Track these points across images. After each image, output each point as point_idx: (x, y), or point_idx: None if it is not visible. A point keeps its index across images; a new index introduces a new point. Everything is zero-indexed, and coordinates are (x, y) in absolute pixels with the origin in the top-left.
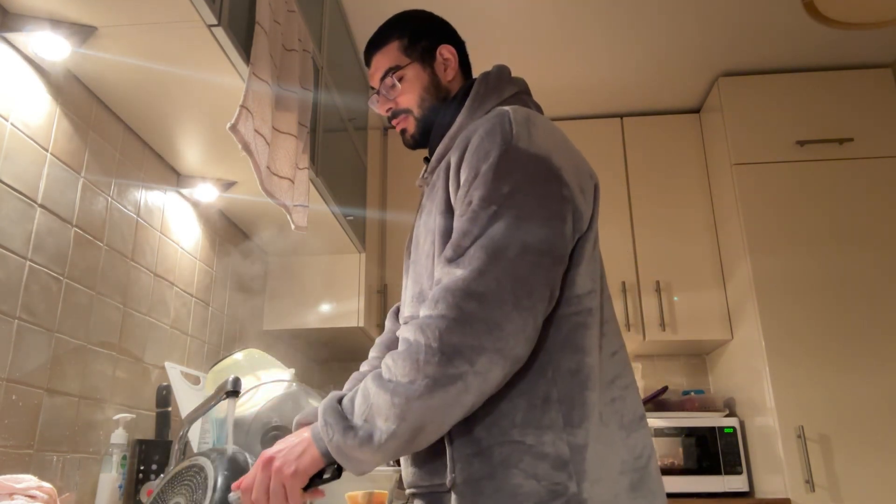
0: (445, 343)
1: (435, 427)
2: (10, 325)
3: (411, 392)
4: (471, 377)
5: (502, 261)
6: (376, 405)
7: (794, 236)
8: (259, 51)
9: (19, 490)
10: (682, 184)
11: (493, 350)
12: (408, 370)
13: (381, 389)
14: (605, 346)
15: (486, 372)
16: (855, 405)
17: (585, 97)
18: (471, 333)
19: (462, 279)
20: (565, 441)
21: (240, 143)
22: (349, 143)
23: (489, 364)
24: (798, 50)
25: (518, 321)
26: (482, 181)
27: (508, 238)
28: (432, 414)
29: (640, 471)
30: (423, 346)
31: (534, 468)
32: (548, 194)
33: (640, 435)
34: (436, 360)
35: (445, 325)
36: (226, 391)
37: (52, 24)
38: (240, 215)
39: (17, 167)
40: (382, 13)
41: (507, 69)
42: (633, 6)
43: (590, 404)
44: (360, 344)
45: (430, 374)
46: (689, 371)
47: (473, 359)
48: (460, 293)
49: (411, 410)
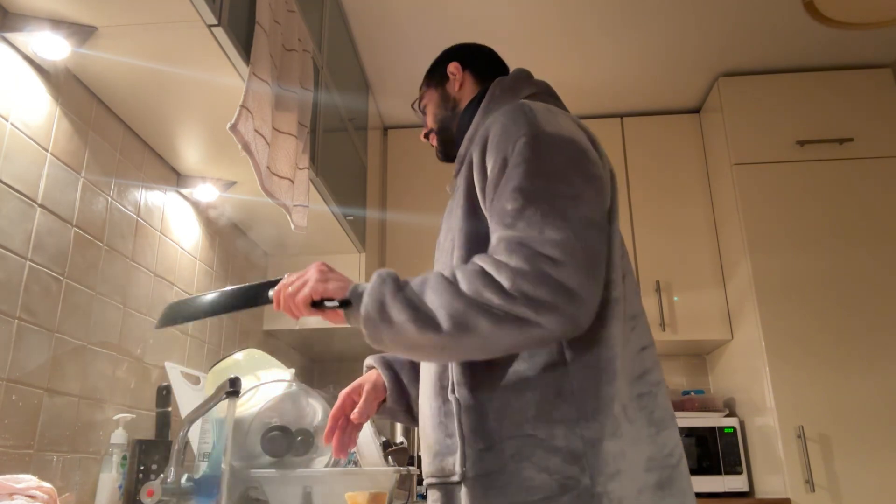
0: (519, 288)
1: (466, 347)
2: (10, 325)
3: (472, 303)
4: (529, 326)
5: (571, 232)
6: (431, 295)
7: (794, 236)
8: (259, 51)
9: (19, 490)
10: (682, 184)
11: (563, 313)
12: (475, 288)
13: (442, 285)
14: (633, 341)
15: (546, 328)
16: (855, 405)
17: (585, 97)
18: (546, 290)
19: (538, 240)
20: (578, 435)
21: (240, 143)
22: (349, 143)
23: (553, 322)
24: (798, 50)
25: (590, 293)
26: (521, 161)
27: (571, 211)
28: (479, 332)
29: (670, 469)
30: (496, 280)
31: (545, 462)
32: (586, 173)
33: (671, 433)
34: (503, 295)
35: (523, 274)
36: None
37: (52, 24)
38: (240, 215)
39: (17, 167)
40: (382, 13)
41: (525, 72)
42: (633, 6)
43: (605, 398)
44: (360, 344)
45: (495, 302)
46: (689, 371)
47: (541, 312)
48: (537, 252)
49: (464, 317)
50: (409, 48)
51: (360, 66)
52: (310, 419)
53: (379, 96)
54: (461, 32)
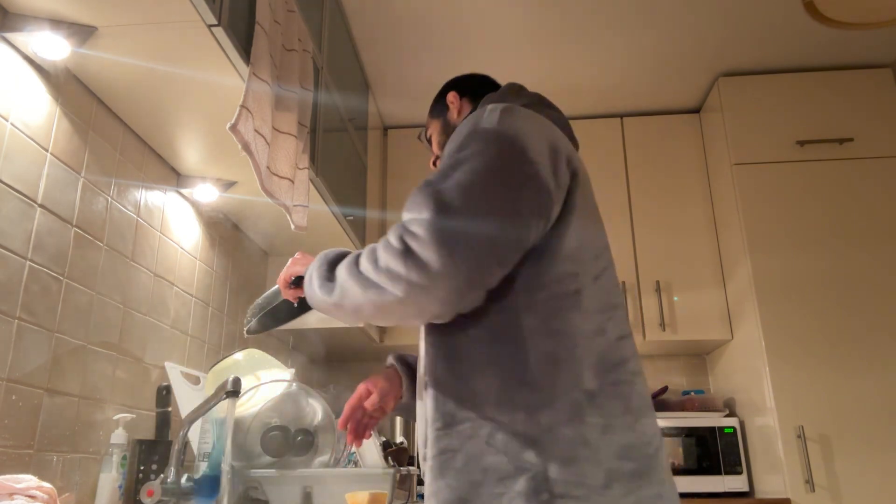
0: (384, 262)
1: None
2: (10, 325)
3: (354, 273)
4: (388, 294)
5: (447, 213)
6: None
7: (794, 236)
8: (259, 51)
9: (19, 490)
10: (682, 184)
11: (419, 287)
12: (362, 262)
13: (349, 260)
14: (610, 330)
15: (404, 296)
16: (855, 405)
17: (585, 97)
18: (403, 265)
19: (412, 220)
20: (536, 421)
21: (240, 143)
22: (349, 143)
23: (410, 295)
24: (798, 50)
25: (452, 269)
26: (446, 157)
27: (463, 196)
28: (354, 296)
29: (648, 458)
30: (374, 255)
31: (504, 445)
32: (510, 168)
33: (649, 422)
34: (372, 266)
35: (390, 251)
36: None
37: (52, 24)
38: (240, 215)
39: (17, 167)
40: (382, 13)
41: (515, 85)
42: (633, 6)
43: (564, 385)
44: (361, 344)
45: (366, 271)
46: (689, 371)
47: (393, 281)
48: (405, 230)
49: (347, 282)
50: (409, 48)
51: (360, 66)
52: (310, 419)
53: (379, 96)
54: (461, 32)
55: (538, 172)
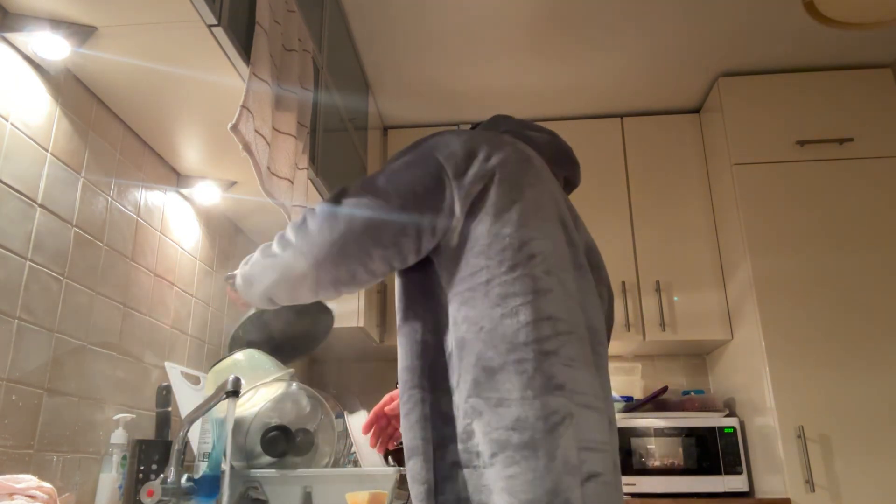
0: (284, 236)
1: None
2: (10, 325)
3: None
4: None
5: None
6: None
7: (794, 236)
8: (259, 51)
9: (19, 490)
10: (682, 184)
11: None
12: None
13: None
14: (525, 313)
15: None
16: (855, 405)
17: (585, 97)
18: (293, 234)
19: (321, 206)
20: (453, 401)
21: (240, 144)
22: (349, 143)
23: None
24: (798, 50)
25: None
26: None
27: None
28: (254, 259)
29: (542, 432)
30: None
31: (432, 420)
32: (410, 166)
33: (555, 401)
34: (277, 238)
35: (291, 225)
36: (226, 391)
37: (52, 24)
38: (240, 215)
39: (17, 167)
40: (382, 13)
41: (497, 116)
42: (632, 6)
43: (468, 365)
44: (361, 344)
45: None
46: (689, 371)
47: (284, 248)
48: (309, 211)
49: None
50: (409, 48)
51: (360, 66)
52: (310, 419)
53: (379, 96)
54: (461, 33)
55: (440, 171)
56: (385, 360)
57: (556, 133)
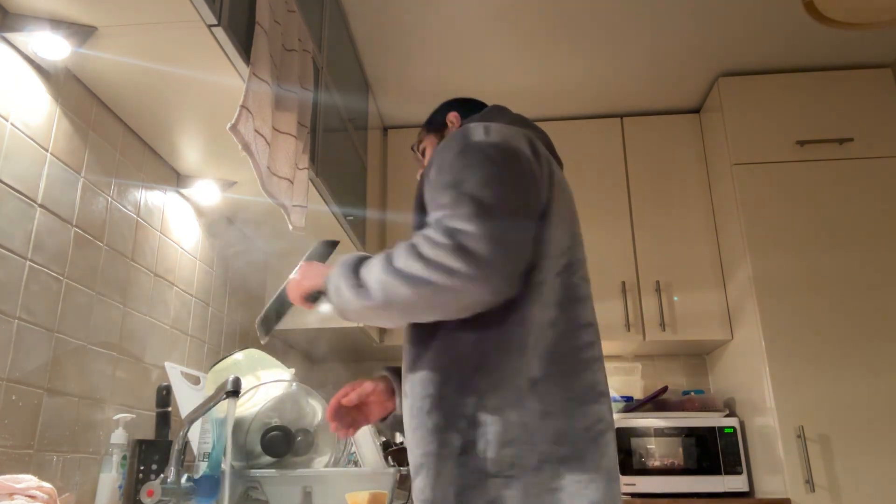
0: (438, 259)
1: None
2: (10, 325)
3: (396, 274)
4: (448, 291)
5: (482, 209)
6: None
7: (794, 236)
8: (259, 51)
9: (19, 490)
10: (682, 184)
11: (475, 278)
12: (400, 261)
13: (379, 261)
14: (565, 322)
15: (461, 292)
16: (855, 405)
17: (585, 97)
18: (462, 260)
19: (454, 215)
20: (484, 405)
21: (240, 144)
22: (349, 143)
23: (467, 287)
24: (798, 50)
25: (502, 264)
26: (449, 166)
27: (486, 195)
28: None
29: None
30: (416, 252)
31: (457, 425)
32: (509, 168)
33: (596, 409)
34: (422, 263)
35: (444, 246)
36: (226, 391)
37: (52, 24)
38: (240, 215)
39: (17, 167)
40: (382, 13)
41: (497, 106)
42: (633, 6)
43: (511, 372)
44: (360, 344)
45: (415, 271)
46: (689, 371)
47: (452, 276)
48: (452, 227)
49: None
50: (409, 48)
51: (360, 66)
52: (310, 419)
53: (379, 96)
54: (461, 33)
55: (533, 171)
56: (385, 360)
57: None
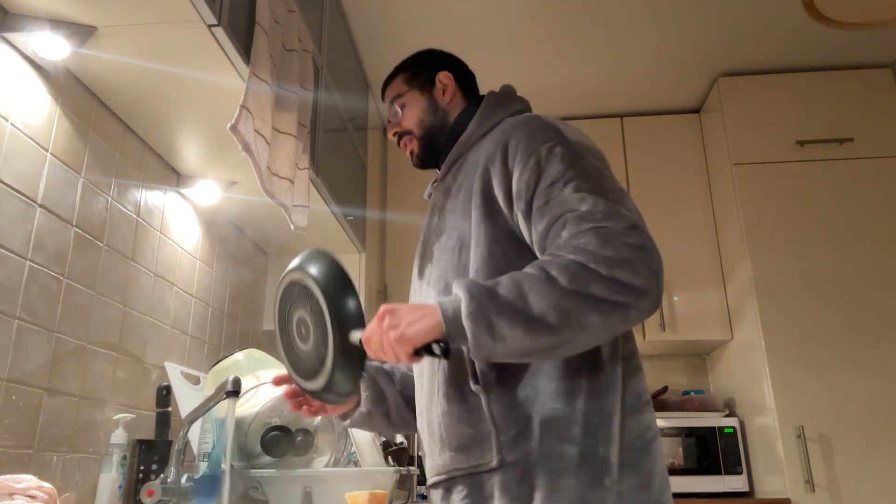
0: (616, 276)
1: (582, 341)
2: (10, 325)
3: (578, 299)
4: (632, 311)
5: (639, 220)
6: (535, 298)
7: (794, 236)
8: (259, 51)
9: (19, 490)
10: (682, 184)
11: (653, 296)
12: (576, 282)
13: (542, 285)
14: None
15: (643, 311)
16: (855, 405)
17: (585, 97)
18: (640, 275)
19: (619, 227)
20: (595, 409)
21: (240, 144)
22: (349, 143)
23: (647, 305)
24: (798, 50)
25: (662, 273)
26: (565, 166)
27: (628, 203)
28: (591, 325)
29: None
30: (594, 270)
31: (569, 434)
32: (613, 177)
33: (644, 418)
34: (604, 284)
35: (616, 261)
36: (226, 391)
37: (52, 24)
38: (240, 215)
39: (17, 167)
40: (382, 13)
41: (512, 88)
42: (633, 6)
43: (615, 375)
44: None
45: (598, 293)
46: (689, 371)
47: (639, 296)
48: (622, 239)
49: (575, 314)
50: (409, 48)
51: (360, 66)
52: (310, 419)
53: (379, 96)
54: (461, 32)
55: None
56: None
57: None
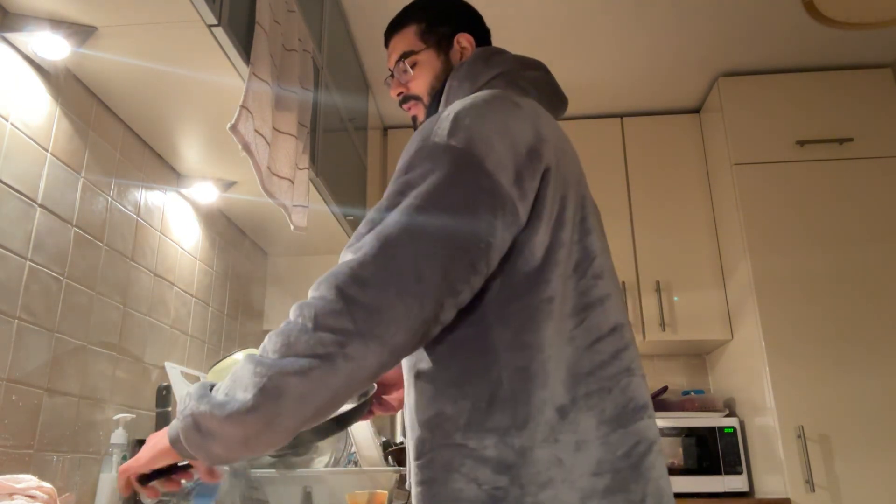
0: (319, 324)
1: (292, 407)
2: (10, 325)
3: (275, 365)
4: (340, 360)
5: (392, 247)
6: (239, 377)
7: (794, 236)
8: (259, 51)
9: (19, 490)
10: (682, 184)
11: (369, 336)
12: (278, 346)
13: (247, 362)
14: (579, 337)
15: (359, 358)
16: (855, 405)
17: (585, 97)
18: (347, 316)
19: (348, 264)
20: (509, 444)
21: (240, 144)
22: (349, 143)
23: (363, 349)
24: (798, 50)
25: (400, 308)
26: (394, 175)
27: (402, 225)
28: (292, 389)
29: (626, 471)
30: (298, 325)
31: (475, 472)
32: (458, 183)
33: (630, 430)
34: (305, 338)
35: (322, 305)
36: None
37: (52, 24)
38: (240, 215)
39: (17, 167)
40: (382, 13)
41: (486, 52)
42: (633, 6)
43: (537, 404)
44: None
45: (298, 351)
46: (689, 371)
47: (345, 342)
48: (343, 277)
49: (271, 382)
50: None
51: (360, 66)
52: None
53: (379, 96)
54: None
55: (498, 185)
56: None
57: (546, 67)
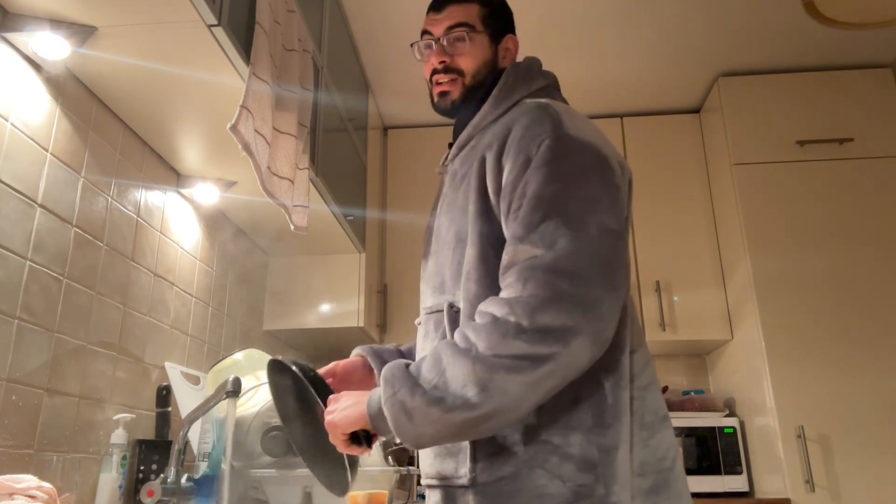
0: (538, 322)
1: (511, 408)
2: (10, 325)
3: (496, 364)
4: (562, 359)
5: (586, 239)
6: (453, 372)
7: (794, 236)
8: (259, 51)
9: (19, 490)
10: (682, 184)
11: (588, 332)
12: (493, 343)
13: (459, 356)
14: (622, 346)
15: (578, 354)
16: (855, 405)
17: (585, 97)
18: (566, 313)
19: (549, 257)
20: (594, 443)
21: (240, 144)
22: (349, 143)
23: (582, 346)
24: (798, 50)
25: (610, 302)
26: (542, 164)
27: (587, 216)
28: (515, 391)
29: (665, 472)
30: (513, 323)
31: (559, 469)
32: (606, 180)
33: (663, 436)
34: (525, 337)
35: (538, 303)
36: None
37: (52, 24)
38: (240, 215)
39: (17, 167)
40: (382, 13)
41: (537, 61)
42: (633, 6)
43: (622, 404)
44: (360, 344)
45: (518, 351)
46: (689, 371)
47: (568, 340)
48: (550, 271)
49: (493, 382)
50: (409, 48)
51: (360, 66)
52: None
53: (379, 96)
54: None
55: (622, 185)
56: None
57: None
